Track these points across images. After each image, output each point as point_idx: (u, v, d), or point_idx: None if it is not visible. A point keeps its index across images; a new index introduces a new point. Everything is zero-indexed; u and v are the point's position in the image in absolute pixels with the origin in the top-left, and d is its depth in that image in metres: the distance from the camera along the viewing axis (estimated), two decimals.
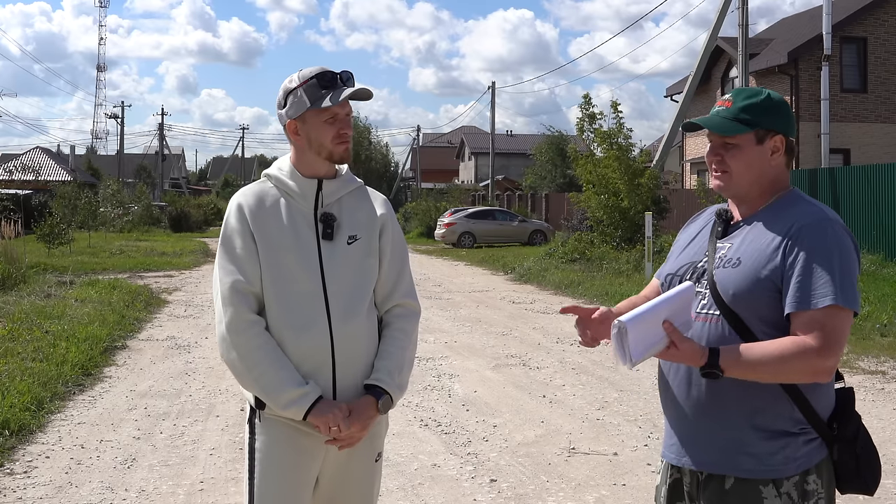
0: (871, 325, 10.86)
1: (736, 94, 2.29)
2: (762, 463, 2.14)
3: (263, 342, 2.50)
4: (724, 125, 2.23)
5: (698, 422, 2.22)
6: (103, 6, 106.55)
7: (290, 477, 2.55)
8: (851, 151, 24.03)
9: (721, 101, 2.29)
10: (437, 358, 9.36)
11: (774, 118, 2.25)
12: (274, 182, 2.65)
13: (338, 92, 2.55)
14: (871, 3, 24.10)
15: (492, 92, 46.08)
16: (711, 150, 2.28)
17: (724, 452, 2.18)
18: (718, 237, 2.29)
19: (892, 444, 5.98)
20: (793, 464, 2.14)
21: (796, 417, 2.15)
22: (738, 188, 2.26)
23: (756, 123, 2.22)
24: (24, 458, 5.70)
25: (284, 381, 2.47)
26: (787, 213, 2.21)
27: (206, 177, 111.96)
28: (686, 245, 2.42)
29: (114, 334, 10.41)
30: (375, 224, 2.68)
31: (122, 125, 66.77)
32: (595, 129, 20.72)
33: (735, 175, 2.24)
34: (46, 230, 23.38)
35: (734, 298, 2.15)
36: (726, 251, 2.23)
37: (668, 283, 2.37)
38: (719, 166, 2.26)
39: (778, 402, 2.15)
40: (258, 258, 2.55)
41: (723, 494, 2.18)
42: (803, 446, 2.16)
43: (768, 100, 2.26)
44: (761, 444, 2.14)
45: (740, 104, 2.24)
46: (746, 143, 2.23)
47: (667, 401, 2.33)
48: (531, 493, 5.05)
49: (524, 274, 19.59)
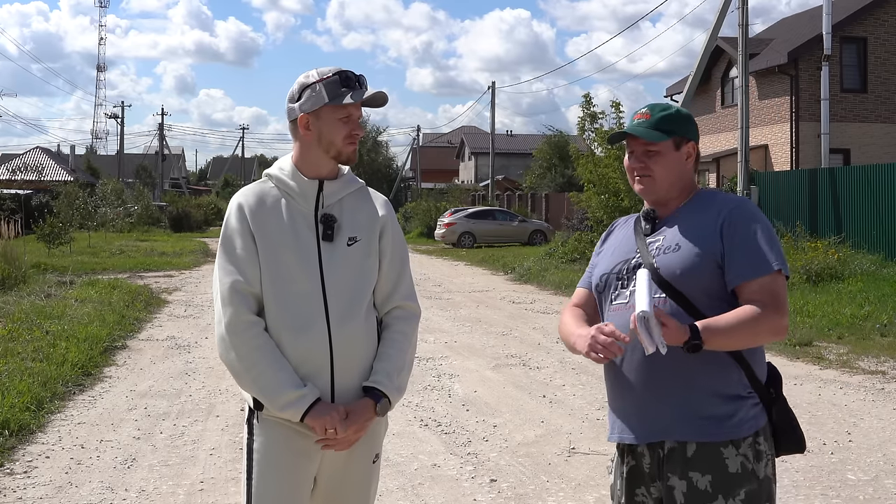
0: (871, 325, 10.86)
1: (651, 108, 2.57)
2: (721, 425, 2.36)
3: (262, 343, 2.50)
4: (649, 133, 2.51)
5: (658, 398, 2.40)
6: (103, 6, 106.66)
7: (287, 478, 2.55)
8: (851, 151, 24.02)
9: (639, 115, 2.56)
10: (437, 358, 9.36)
11: (687, 127, 2.56)
12: (275, 182, 2.64)
13: (358, 92, 2.57)
14: (871, 3, 24.08)
15: (492, 92, 46.06)
16: (635, 158, 2.54)
17: (686, 420, 2.38)
18: (647, 234, 2.55)
19: (892, 444, 5.97)
20: (745, 425, 2.38)
21: (744, 382, 2.41)
22: (660, 190, 2.54)
23: (673, 132, 2.52)
24: (24, 458, 5.70)
25: (282, 383, 2.47)
26: (710, 203, 2.52)
27: (207, 177, 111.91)
28: (614, 248, 2.65)
29: (114, 334, 10.42)
30: (376, 225, 2.68)
31: (122, 125, 66.79)
32: (596, 129, 20.73)
33: (658, 178, 2.52)
34: (46, 230, 23.39)
35: (680, 277, 2.40)
36: (661, 242, 2.50)
37: (605, 283, 2.58)
38: (643, 171, 2.53)
39: (729, 370, 2.40)
40: (258, 259, 2.54)
41: (687, 462, 2.36)
42: (752, 408, 2.40)
43: (681, 113, 2.58)
44: (719, 407, 2.37)
45: (658, 116, 2.53)
46: (666, 149, 2.52)
47: (620, 387, 2.49)
48: (531, 493, 5.05)
49: (524, 274, 19.60)
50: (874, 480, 5.26)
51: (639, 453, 2.46)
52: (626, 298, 2.48)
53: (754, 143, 22.91)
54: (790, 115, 23.87)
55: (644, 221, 2.59)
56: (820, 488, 5.10)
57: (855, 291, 13.09)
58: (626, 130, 2.54)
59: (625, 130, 2.55)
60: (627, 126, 2.57)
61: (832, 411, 6.90)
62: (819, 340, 10.26)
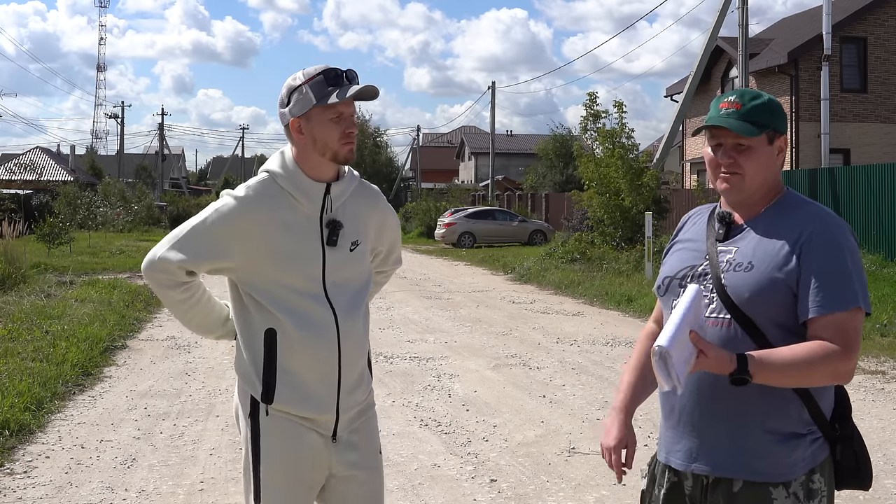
0: (871, 325, 10.86)
1: (741, 95, 2.26)
2: (773, 465, 2.15)
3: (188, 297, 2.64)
4: (743, 127, 2.20)
5: (710, 427, 2.21)
6: (103, 6, 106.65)
7: (295, 476, 2.55)
8: (851, 151, 24.02)
9: (726, 103, 2.26)
10: (437, 358, 9.36)
11: (779, 120, 2.26)
12: (279, 181, 2.56)
13: (344, 89, 2.49)
14: (871, 3, 24.08)
15: (492, 92, 46.06)
16: (724, 152, 2.24)
17: (735, 456, 2.17)
18: (720, 240, 2.28)
19: (892, 444, 5.97)
20: (801, 464, 2.16)
21: (805, 419, 2.18)
22: (749, 190, 2.24)
23: (766, 125, 2.22)
24: (24, 458, 5.70)
25: None
26: (792, 216, 2.22)
27: (207, 177, 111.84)
28: (683, 248, 2.40)
29: (114, 334, 10.41)
30: (374, 225, 2.72)
31: (122, 125, 66.84)
32: (598, 129, 20.72)
33: (748, 176, 2.22)
34: (47, 230, 23.38)
35: (749, 302, 2.15)
36: (733, 255, 2.22)
37: (667, 287, 2.35)
38: (732, 168, 2.22)
39: (789, 404, 2.16)
40: (214, 262, 2.56)
41: (731, 497, 2.18)
42: (810, 446, 2.17)
43: (772, 102, 2.27)
44: (773, 447, 2.15)
45: (750, 105, 2.23)
46: (759, 144, 2.22)
47: (670, 408, 2.30)
48: (531, 493, 5.05)
49: (524, 274, 19.59)
50: (874, 480, 5.25)
51: (682, 474, 2.29)
52: (707, 311, 2.24)
53: None
54: (790, 115, 23.86)
55: (718, 223, 2.31)
56: None
57: None
58: (715, 122, 2.23)
59: (714, 122, 2.23)
60: (713, 117, 2.25)
61: None
62: None
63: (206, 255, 2.54)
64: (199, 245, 2.53)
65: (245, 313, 2.57)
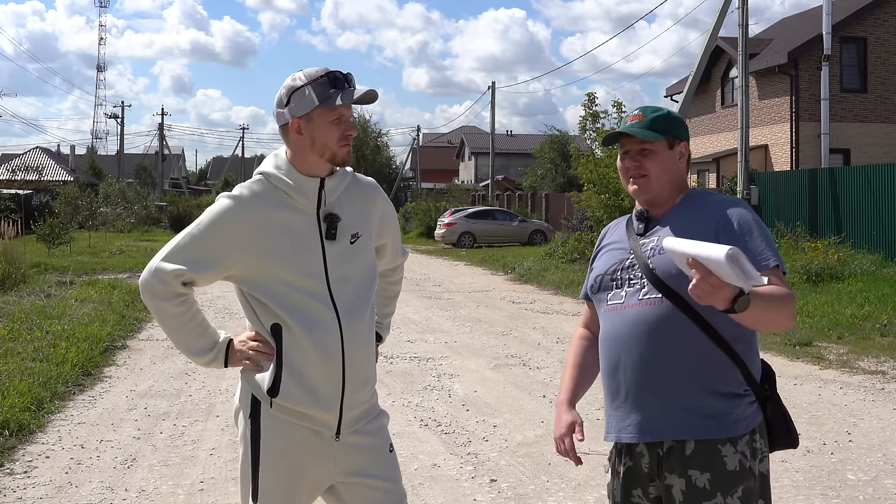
0: (871, 325, 10.86)
1: (643, 109, 2.61)
2: (719, 423, 2.39)
3: (182, 312, 2.58)
4: (644, 132, 2.54)
5: (654, 398, 2.42)
6: (102, 6, 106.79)
7: (294, 477, 2.55)
8: (851, 151, 24.02)
9: (632, 117, 2.60)
10: (437, 358, 9.37)
11: (679, 128, 2.59)
12: (274, 181, 2.57)
13: (348, 92, 2.51)
14: (871, 3, 24.07)
15: (492, 92, 46.05)
16: (629, 157, 2.57)
17: (684, 419, 2.40)
18: (640, 234, 2.57)
19: (892, 444, 5.96)
20: (743, 423, 2.40)
21: (739, 380, 2.43)
22: (655, 189, 2.56)
23: (667, 131, 2.55)
24: (24, 458, 5.70)
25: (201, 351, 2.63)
26: (703, 202, 2.56)
27: (207, 177, 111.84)
28: (608, 251, 2.66)
29: (114, 334, 10.42)
30: (374, 216, 2.70)
31: (122, 125, 66.86)
32: (598, 129, 20.71)
33: (653, 177, 2.54)
34: (47, 230, 23.39)
35: (676, 278, 2.37)
36: (655, 242, 2.49)
37: (600, 284, 2.59)
38: (637, 171, 2.55)
39: (725, 368, 2.41)
40: (211, 269, 2.54)
41: (685, 460, 2.39)
42: (748, 407, 2.43)
43: (672, 113, 2.62)
44: (716, 405, 2.39)
45: (651, 116, 2.56)
46: (661, 148, 2.55)
47: (617, 386, 2.50)
48: (531, 493, 5.05)
49: (524, 274, 19.60)
50: (874, 480, 5.26)
51: (637, 453, 2.48)
52: (620, 299, 2.50)
53: (754, 143, 22.92)
54: (790, 115, 23.87)
55: (637, 221, 2.60)
56: (820, 488, 5.10)
57: (855, 291, 13.09)
58: (620, 130, 2.57)
59: (619, 130, 2.57)
60: (621, 127, 2.60)
61: (832, 411, 6.89)
62: (819, 340, 10.26)
63: (206, 262, 2.53)
64: (197, 252, 2.53)
65: (252, 314, 2.59)
